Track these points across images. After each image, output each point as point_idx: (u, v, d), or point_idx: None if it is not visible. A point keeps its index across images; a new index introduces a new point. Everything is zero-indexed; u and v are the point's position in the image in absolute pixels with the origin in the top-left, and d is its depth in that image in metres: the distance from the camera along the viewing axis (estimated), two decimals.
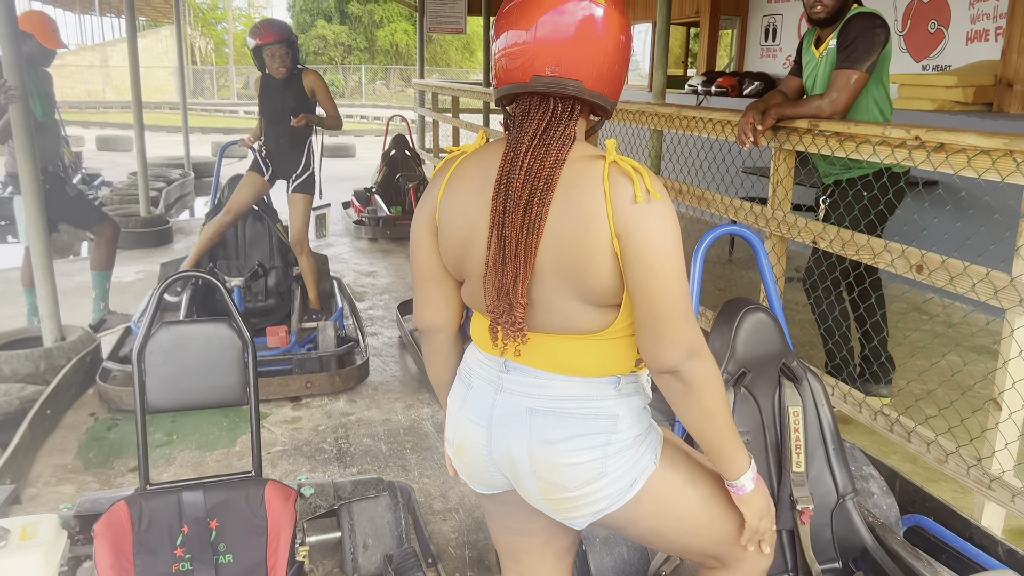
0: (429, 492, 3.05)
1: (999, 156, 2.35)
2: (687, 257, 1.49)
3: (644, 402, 1.47)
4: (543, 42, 1.27)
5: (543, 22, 1.27)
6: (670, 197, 1.37)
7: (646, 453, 1.43)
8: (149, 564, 2.05)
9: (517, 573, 1.66)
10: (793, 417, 2.20)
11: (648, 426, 1.47)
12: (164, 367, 2.15)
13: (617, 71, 1.34)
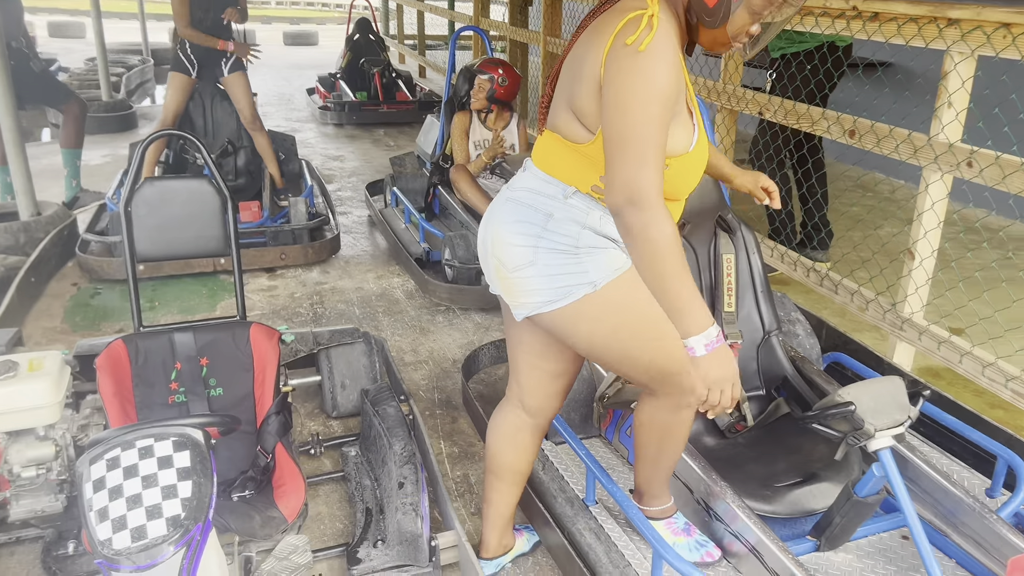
0: (401, 348, 3.31)
1: (925, 23, 2.53)
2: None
3: (588, 222, 1.59)
4: None
5: None
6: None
7: (587, 271, 1.59)
8: (147, 395, 2.28)
9: (516, 383, 1.89)
10: (726, 263, 2.45)
11: (591, 247, 1.59)
12: (150, 219, 2.32)
13: None
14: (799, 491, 2.08)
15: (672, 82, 1.43)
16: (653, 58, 1.41)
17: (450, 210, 4.30)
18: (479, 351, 3.06)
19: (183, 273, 3.86)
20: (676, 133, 1.54)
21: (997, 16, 2.28)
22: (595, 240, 1.60)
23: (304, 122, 7.82)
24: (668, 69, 1.42)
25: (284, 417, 2.26)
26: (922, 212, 2.61)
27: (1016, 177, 2.26)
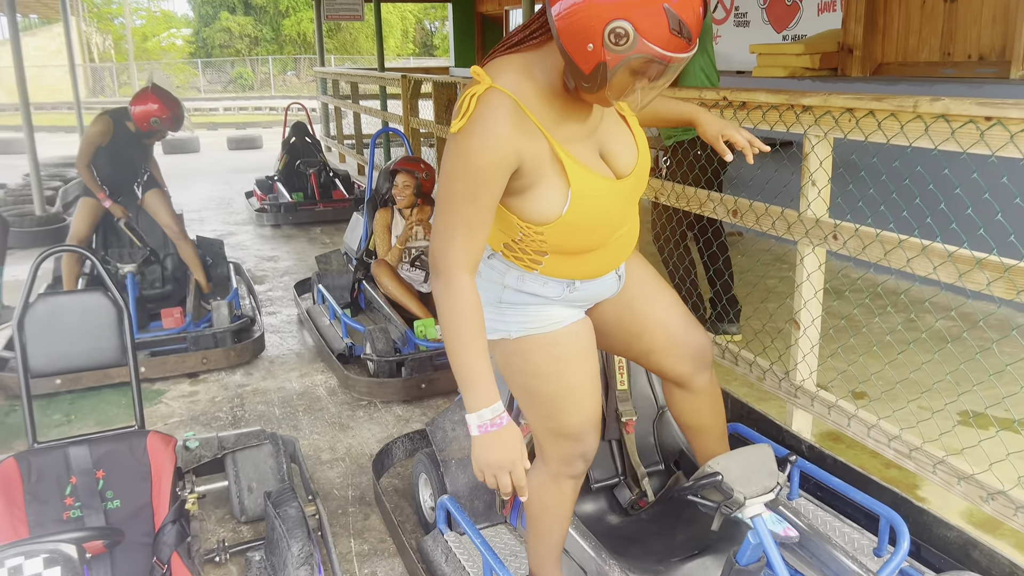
0: (319, 446, 3.31)
1: (784, 110, 2.72)
2: None
3: (506, 282, 1.69)
4: None
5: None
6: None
7: (506, 321, 1.71)
8: (40, 512, 2.26)
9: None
10: None
11: (511, 303, 1.70)
12: (45, 334, 2.35)
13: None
14: (691, 564, 2.12)
15: (486, 160, 1.45)
16: (463, 138, 1.46)
17: (375, 304, 4.37)
18: (392, 445, 3.08)
19: (101, 384, 3.83)
20: (538, 202, 1.55)
21: (841, 102, 2.48)
22: (516, 297, 1.70)
23: (242, 224, 7.91)
24: (480, 148, 1.44)
25: (180, 526, 2.24)
26: (800, 283, 2.75)
27: (874, 247, 2.41)
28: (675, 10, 1.30)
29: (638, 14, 1.30)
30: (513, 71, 1.50)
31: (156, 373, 3.95)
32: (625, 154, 1.66)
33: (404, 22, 40.39)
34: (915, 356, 3.52)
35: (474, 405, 1.52)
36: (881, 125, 2.38)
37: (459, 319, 1.49)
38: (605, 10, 1.31)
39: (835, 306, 4.22)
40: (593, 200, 1.57)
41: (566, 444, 1.81)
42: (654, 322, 1.90)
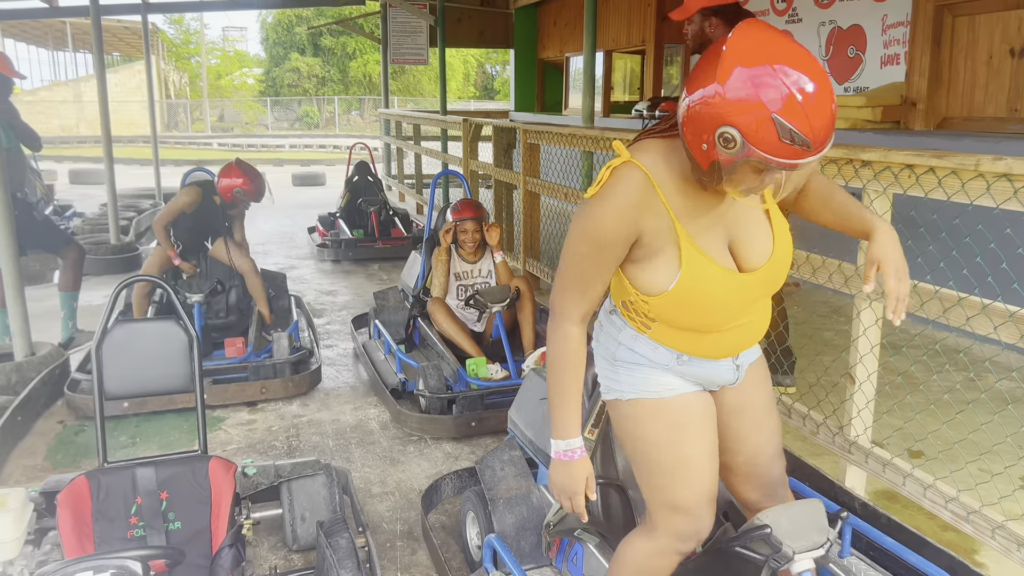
0: (369, 479, 3.37)
1: (843, 164, 2.74)
2: None
3: (621, 339, 1.77)
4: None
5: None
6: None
7: (620, 381, 1.78)
8: (106, 530, 2.36)
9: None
10: None
11: (625, 361, 1.77)
12: (120, 359, 2.47)
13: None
14: None
15: (609, 226, 1.56)
16: (594, 203, 1.58)
17: (428, 341, 4.45)
18: (441, 481, 3.12)
19: (166, 409, 3.98)
20: (649, 274, 1.63)
21: (901, 158, 2.49)
22: (629, 356, 1.77)
23: (303, 259, 8.14)
24: (605, 214, 1.56)
25: (236, 550, 2.32)
26: (856, 337, 2.73)
27: (932, 304, 2.40)
28: (786, 120, 1.31)
29: (746, 121, 1.33)
30: (653, 152, 1.58)
31: (217, 400, 4.08)
32: (757, 247, 1.66)
33: (466, 66, 41.31)
34: (975, 416, 3.43)
35: (556, 434, 1.73)
36: (942, 182, 2.38)
37: (561, 360, 1.69)
38: (716, 114, 1.36)
39: (892, 361, 4.15)
40: (704, 285, 1.61)
41: (679, 519, 1.80)
42: (750, 446, 1.90)
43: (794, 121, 1.30)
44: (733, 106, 1.33)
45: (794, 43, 1.36)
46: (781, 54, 1.32)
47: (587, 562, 2.29)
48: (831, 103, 1.33)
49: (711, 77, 1.36)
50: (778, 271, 1.69)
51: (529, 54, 13.62)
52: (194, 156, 22.30)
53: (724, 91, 1.34)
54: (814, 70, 1.32)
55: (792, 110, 1.30)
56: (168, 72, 38.53)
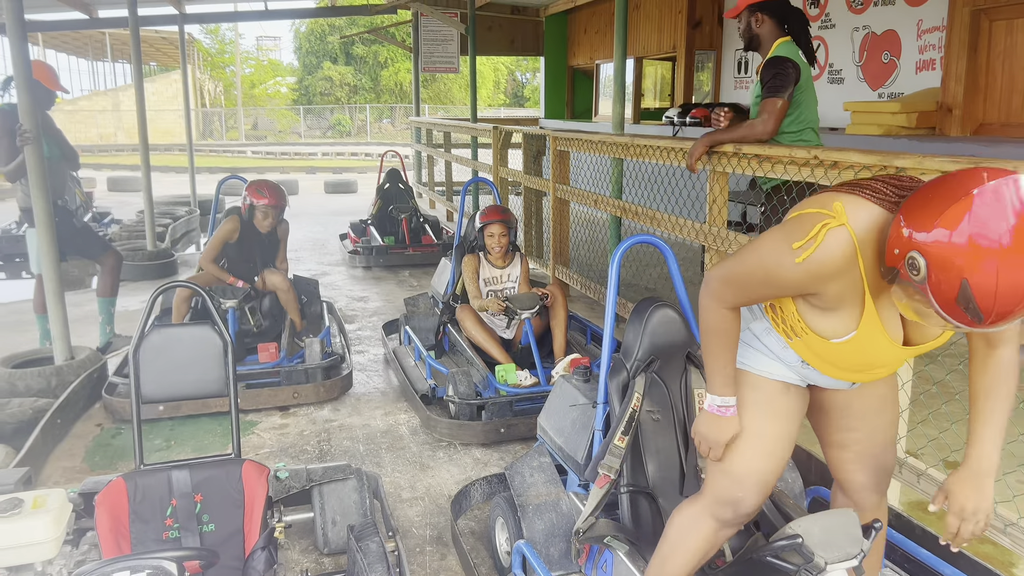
0: (399, 484, 3.39)
1: (877, 170, 2.71)
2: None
3: (752, 325, 1.90)
4: None
5: None
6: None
7: (745, 353, 1.92)
8: (142, 531, 2.40)
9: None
10: (698, 398, 2.54)
11: (748, 346, 1.91)
12: (156, 363, 2.52)
13: None
14: None
15: (796, 281, 1.62)
16: (791, 255, 1.58)
17: (458, 347, 4.47)
18: (470, 487, 3.13)
19: (200, 413, 4.04)
20: (821, 320, 1.69)
21: (936, 164, 2.46)
22: (753, 341, 1.91)
23: (335, 265, 8.21)
24: (797, 271, 1.58)
25: (269, 553, 2.35)
26: None
27: None
28: (972, 290, 1.29)
29: (938, 264, 1.32)
30: (868, 218, 1.54)
31: (250, 405, 4.13)
32: (925, 330, 1.67)
33: (496, 73, 41.48)
34: (1012, 427, 3.35)
35: (711, 389, 1.89)
36: None
37: (717, 330, 1.81)
38: (920, 241, 1.36)
39: (927, 370, 4.07)
40: (868, 347, 1.67)
41: (724, 482, 1.92)
42: (869, 426, 1.97)
43: (980, 296, 1.29)
44: (939, 246, 1.32)
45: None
46: (1014, 238, 1.28)
47: (616, 569, 2.29)
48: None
49: (941, 208, 1.33)
50: (931, 348, 1.72)
51: (559, 61, 13.65)
52: (228, 164, 22.65)
53: (937, 228, 1.33)
54: None
55: (985, 288, 1.29)
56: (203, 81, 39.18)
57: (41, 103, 4.73)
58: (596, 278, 5.76)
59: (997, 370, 1.65)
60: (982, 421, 1.69)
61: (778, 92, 3.58)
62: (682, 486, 2.47)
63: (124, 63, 38.09)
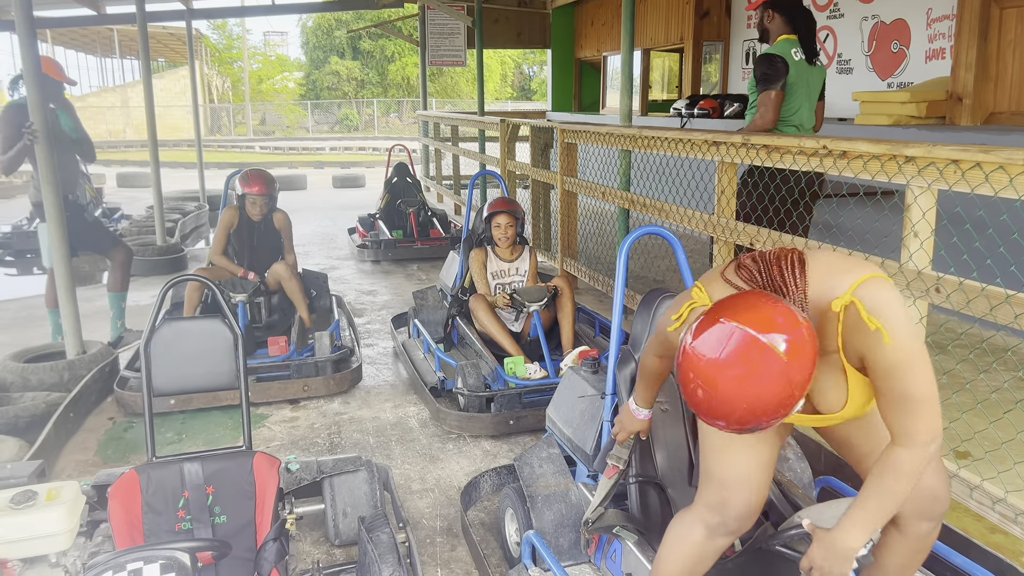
0: (409, 476, 3.41)
1: (886, 160, 2.70)
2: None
3: None
4: None
5: None
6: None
7: None
8: (155, 522, 2.42)
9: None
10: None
11: None
12: (167, 356, 2.54)
13: None
14: None
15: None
16: (673, 334, 1.85)
17: (467, 340, 4.48)
18: (480, 478, 3.15)
19: (211, 406, 4.06)
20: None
21: (946, 153, 2.45)
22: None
23: (344, 259, 8.24)
24: (670, 341, 1.93)
25: (280, 544, 2.36)
26: None
27: (979, 301, 2.35)
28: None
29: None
30: (722, 292, 1.71)
31: (260, 398, 4.16)
32: (828, 399, 1.73)
33: (503, 66, 41.40)
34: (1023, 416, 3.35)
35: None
36: (989, 177, 2.34)
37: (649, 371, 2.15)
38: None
39: (937, 361, 4.05)
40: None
41: (710, 487, 1.90)
42: (874, 441, 1.87)
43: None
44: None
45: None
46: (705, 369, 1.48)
47: (626, 559, 2.29)
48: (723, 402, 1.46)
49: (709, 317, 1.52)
50: (838, 420, 1.77)
51: (566, 54, 13.61)
52: (237, 159, 22.70)
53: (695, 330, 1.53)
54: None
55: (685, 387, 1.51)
56: (211, 77, 39.26)
57: (50, 96, 4.77)
58: (604, 270, 5.76)
59: (885, 464, 1.64)
60: (856, 503, 1.70)
61: (770, 85, 3.92)
62: (691, 476, 2.47)
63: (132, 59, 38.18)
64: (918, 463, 1.61)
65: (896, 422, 1.62)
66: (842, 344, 1.63)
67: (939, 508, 1.86)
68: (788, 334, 1.44)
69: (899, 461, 1.62)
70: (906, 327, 1.58)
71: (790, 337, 1.43)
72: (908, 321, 1.59)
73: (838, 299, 1.58)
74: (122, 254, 5.12)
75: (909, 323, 1.59)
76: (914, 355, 1.58)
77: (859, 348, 1.61)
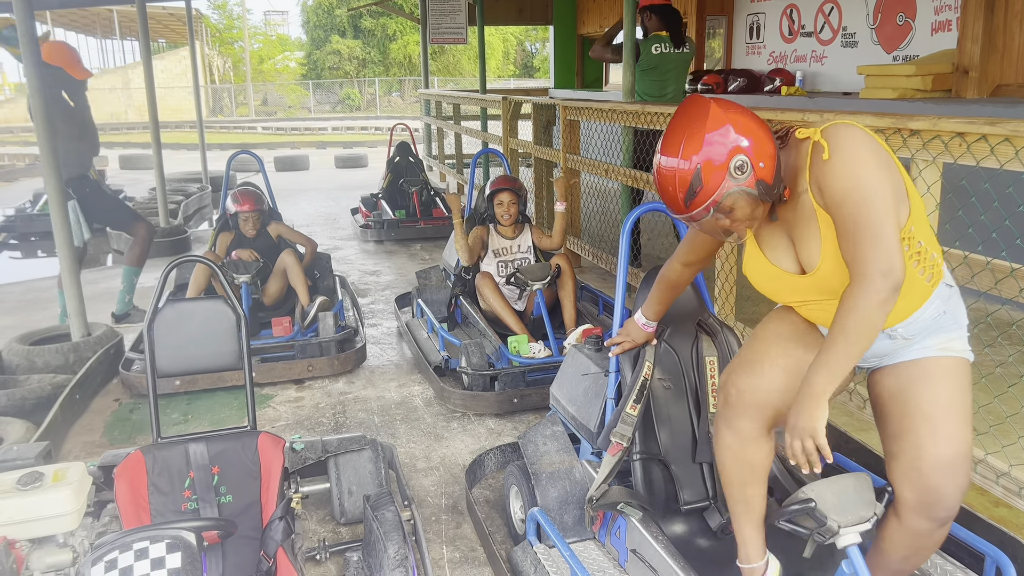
0: (414, 454, 3.42)
1: (890, 133, 2.68)
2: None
3: None
4: None
5: None
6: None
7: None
8: (161, 502, 2.44)
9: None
10: (709, 365, 2.54)
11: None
12: (171, 337, 2.54)
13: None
14: None
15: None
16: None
17: (470, 319, 4.48)
18: (484, 456, 3.16)
19: (216, 387, 4.08)
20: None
21: (951, 126, 2.42)
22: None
23: (347, 240, 8.23)
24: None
25: (286, 522, 2.37)
26: None
27: (984, 275, 2.34)
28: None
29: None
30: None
31: (265, 379, 4.17)
32: (809, 255, 1.80)
33: (505, 44, 41.09)
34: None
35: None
36: (994, 150, 2.31)
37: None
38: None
39: None
40: (754, 273, 1.94)
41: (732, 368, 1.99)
42: (909, 444, 1.83)
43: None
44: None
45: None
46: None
47: (630, 535, 2.30)
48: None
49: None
50: (824, 279, 1.78)
51: (568, 30, 13.48)
52: (239, 140, 22.64)
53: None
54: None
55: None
56: (212, 57, 39.06)
57: (67, 87, 4.81)
58: (608, 248, 5.74)
59: (843, 304, 1.67)
60: (820, 350, 1.71)
61: (617, 55, 5.52)
62: (694, 453, 2.48)
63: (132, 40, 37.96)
64: (872, 299, 1.61)
65: (851, 258, 1.65)
66: (809, 180, 1.70)
67: (942, 511, 1.81)
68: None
69: (853, 298, 1.64)
70: (866, 162, 1.62)
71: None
72: (874, 161, 1.63)
73: (804, 130, 1.70)
74: (143, 229, 5.19)
75: (875, 163, 1.63)
76: (870, 189, 1.61)
77: (818, 178, 1.68)
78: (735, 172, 1.66)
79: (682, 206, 1.72)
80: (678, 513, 2.43)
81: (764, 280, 1.93)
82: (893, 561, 1.97)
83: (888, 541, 1.95)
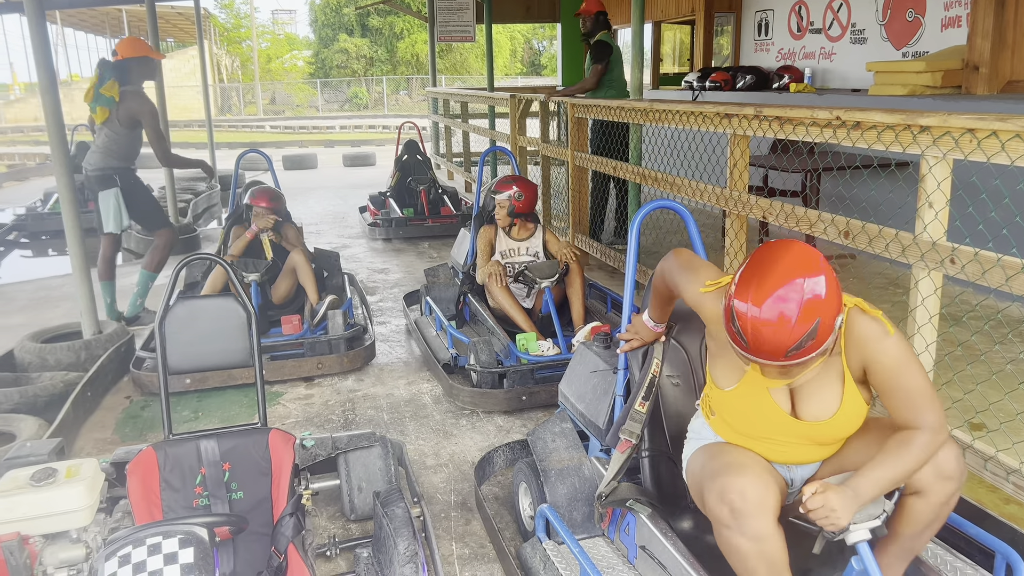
0: (423, 451, 3.43)
1: (900, 130, 2.67)
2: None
3: (691, 423, 2.23)
4: None
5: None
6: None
7: (688, 451, 2.19)
8: (173, 499, 2.45)
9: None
10: None
11: (692, 444, 2.19)
12: (181, 334, 2.55)
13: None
14: None
15: (696, 302, 2.09)
16: (704, 294, 2.06)
17: (479, 317, 4.49)
18: (493, 453, 3.17)
19: (226, 385, 4.09)
20: (720, 368, 2.00)
21: (961, 122, 2.41)
22: (691, 436, 2.21)
23: (355, 238, 8.25)
24: (698, 300, 2.08)
25: (297, 519, 2.39)
26: (914, 308, 2.67)
27: (995, 272, 2.33)
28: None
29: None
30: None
31: (275, 376, 4.18)
32: (816, 406, 1.89)
33: (513, 42, 41.07)
34: None
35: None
36: (1005, 146, 2.31)
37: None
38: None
39: (952, 332, 4.04)
40: (753, 405, 1.94)
41: (720, 479, 1.90)
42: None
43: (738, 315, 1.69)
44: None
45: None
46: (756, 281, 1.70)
47: (639, 532, 2.31)
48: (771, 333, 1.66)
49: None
50: (832, 433, 1.91)
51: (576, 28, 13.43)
52: (247, 139, 22.70)
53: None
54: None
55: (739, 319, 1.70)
56: (220, 57, 39.16)
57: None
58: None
59: (904, 439, 1.80)
60: (875, 464, 1.80)
61: (599, 61, 6.26)
62: None
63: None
64: (933, 447, 1.79)
65: (912, 418, 1.80)
66: (845, 346, 1.81)
67: (950, 468, 1.88)
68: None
69: (918, 440, 1.78)
70: (897, 332, 1.80)
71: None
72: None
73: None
74: (167, 235, 5.23)
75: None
76: (912, 354, 1.81)
77: (861, 351, 1.80)
78: (837, 330, 1.70)
79: (781, 355, 1.67)
80: (687, 510, 2.43)
81: (752, 410, 1.94)
82: (906, 539, 1.97)
83: (909, 516, 1.95)
